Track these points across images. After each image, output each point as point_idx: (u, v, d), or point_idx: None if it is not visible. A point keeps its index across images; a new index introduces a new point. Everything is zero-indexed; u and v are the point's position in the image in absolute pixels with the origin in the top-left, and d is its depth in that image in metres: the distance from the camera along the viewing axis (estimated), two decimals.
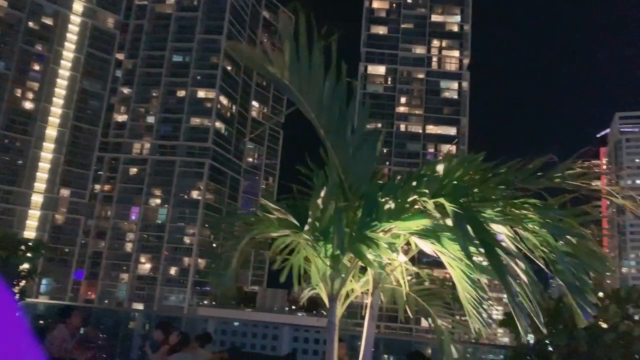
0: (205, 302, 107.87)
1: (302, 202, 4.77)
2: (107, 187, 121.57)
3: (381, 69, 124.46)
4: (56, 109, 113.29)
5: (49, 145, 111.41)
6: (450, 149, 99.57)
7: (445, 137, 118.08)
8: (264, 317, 74.64)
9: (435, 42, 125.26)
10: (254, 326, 11.56)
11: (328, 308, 4.45)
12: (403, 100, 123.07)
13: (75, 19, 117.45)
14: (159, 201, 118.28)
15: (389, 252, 4.32)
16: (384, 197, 4.16)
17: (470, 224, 3.14)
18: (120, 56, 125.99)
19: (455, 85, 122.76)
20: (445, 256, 3.88)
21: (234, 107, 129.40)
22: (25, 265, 16.25)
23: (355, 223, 4.12)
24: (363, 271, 4.87)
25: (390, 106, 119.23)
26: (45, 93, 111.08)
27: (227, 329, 11.62)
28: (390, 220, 3.99)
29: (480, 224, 3.15)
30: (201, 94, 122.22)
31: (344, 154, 4.29)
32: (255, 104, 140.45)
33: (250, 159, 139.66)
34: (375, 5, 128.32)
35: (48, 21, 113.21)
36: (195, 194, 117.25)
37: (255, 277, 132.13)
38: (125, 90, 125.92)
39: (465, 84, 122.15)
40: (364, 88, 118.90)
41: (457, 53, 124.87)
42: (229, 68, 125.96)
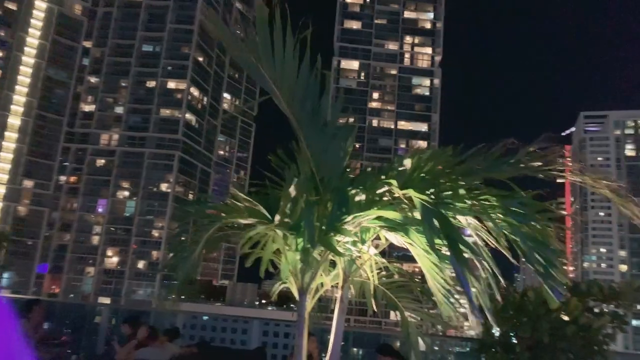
0: (173, 297, 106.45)
1: (273, 192, 4.74)
2: (73, 179, 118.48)
3: (354, 64, 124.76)
4: (19, 97, 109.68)
5: (11, 135, 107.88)
6: (420, 144, 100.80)
7: (417, 133, 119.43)
8: (234, 311, 74.22)
9: (408, 39, 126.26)
10: (223, 320, 11.47)
11: (298, 302, 4.44)
12: (376, 95, 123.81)
13: (41, 5, 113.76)
14: (127, 194, 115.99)
15: (358, 244, 4.35)
16: (354, 189, 4.17)
17: (436, 217, 3.19)
18: (87, 44, 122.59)
19: (427, 82, 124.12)
20: (414, 248, 3.93)
21: (205, 98, 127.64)
22: None
23: (325, 217, 4.12)
24: (333, 265, 4.88)
25: (362, 101, 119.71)
26: (8, 80, 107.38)
27: (196, 323, 11.51)
28: (360, 212, 4.01)
29: (445, 217, 3.19)
30: (172, 84, 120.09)
31: (316, 147, 4.28)
32: (227, 96, 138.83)
33: (222, 152, 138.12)
34: None
35: (11, 6, 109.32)
36: (164, 187, 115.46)
37: (226, 272, 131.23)
38: (93, 79, 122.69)
39: (437, 81, 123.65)
40: (337, 82, 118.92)
41: (429, 50, 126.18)
42: (200, 59, 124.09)
